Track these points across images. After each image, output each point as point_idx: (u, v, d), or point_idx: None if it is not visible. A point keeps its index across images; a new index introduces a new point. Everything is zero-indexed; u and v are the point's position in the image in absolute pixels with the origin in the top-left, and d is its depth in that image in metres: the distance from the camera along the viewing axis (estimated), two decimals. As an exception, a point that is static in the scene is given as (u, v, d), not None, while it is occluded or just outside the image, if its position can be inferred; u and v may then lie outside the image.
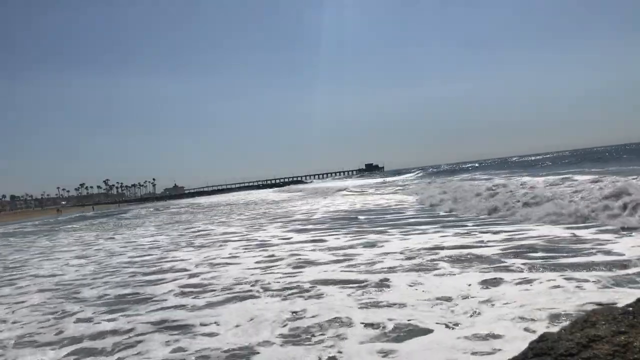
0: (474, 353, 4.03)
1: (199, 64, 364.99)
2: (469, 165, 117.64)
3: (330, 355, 4.37)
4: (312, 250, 10.28)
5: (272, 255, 10.05)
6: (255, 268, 8.88)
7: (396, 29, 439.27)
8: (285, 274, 8.08)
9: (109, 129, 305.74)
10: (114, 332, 5.86)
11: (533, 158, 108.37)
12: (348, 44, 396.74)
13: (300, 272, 8.08)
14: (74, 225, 34.76)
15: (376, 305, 5.70)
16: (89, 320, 6.55)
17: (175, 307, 6.69)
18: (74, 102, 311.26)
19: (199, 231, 18.10)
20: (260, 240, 12.89)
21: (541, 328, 4.21)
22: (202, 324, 5.75)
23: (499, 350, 4.04)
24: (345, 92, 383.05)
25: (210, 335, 5.36)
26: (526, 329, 4.38)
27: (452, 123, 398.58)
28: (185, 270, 9.56)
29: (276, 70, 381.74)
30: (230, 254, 11.02)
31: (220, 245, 12.78)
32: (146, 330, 5.78)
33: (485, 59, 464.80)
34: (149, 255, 12.53)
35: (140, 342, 5.42)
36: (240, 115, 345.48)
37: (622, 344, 2.00)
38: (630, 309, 2.34)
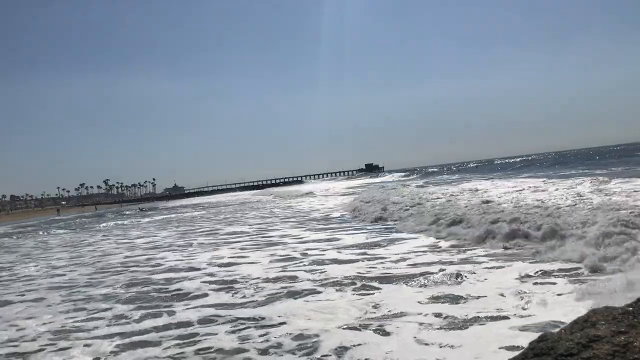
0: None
1: (199, 64, 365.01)
2: (466, 165, 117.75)
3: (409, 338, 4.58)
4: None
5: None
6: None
7: (397, 29, 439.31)
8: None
9: (109, 128, 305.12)
10: (170, 326, 5.78)
11: (520, 159, 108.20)
12: (348, 44, 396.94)
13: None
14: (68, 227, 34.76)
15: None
16: (127, 317, 6.46)
17: (220, 304, 6.62)
18: (74, 102, 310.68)
19: (187, 230, 18.18)
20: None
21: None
22: (261, 317, 5.75)
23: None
24: (346, 92, 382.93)
25: (276, 325, 5.41)
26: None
27: (453, 123, 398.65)
28: (197, 269, 9.51)
29: (276, 70, 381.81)
30: (229, 254, 11.08)
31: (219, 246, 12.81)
32: (205, 324, 5.76)
33: (487, 59, 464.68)
34: (148, 254, 12.49)
35: (202, 333, 5.38)
36: (240, 115, 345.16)
37: (622, 344, 2.01)
38: (630, 309, 2.34)
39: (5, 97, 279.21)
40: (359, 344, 4.55)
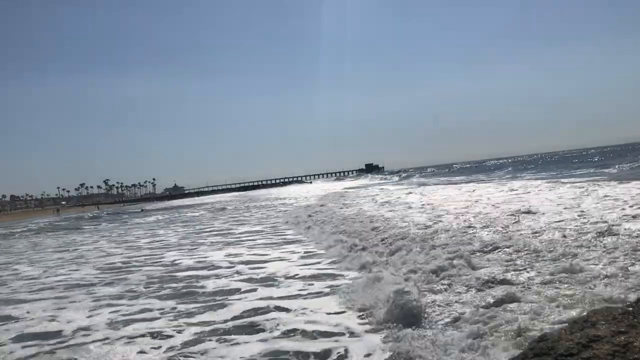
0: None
1: (199, 65, 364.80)
2: (466, 165, 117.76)
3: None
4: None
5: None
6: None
7: (397, 29, 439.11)
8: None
9: (109, 129, 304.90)
10: (242, 316, 5.78)
11: (521, 159, 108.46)
12: (349, 44, 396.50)
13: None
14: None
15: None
16: (179, 310, 6.33)
17: (276, 297, 6.57)
18: (74, 101, 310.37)
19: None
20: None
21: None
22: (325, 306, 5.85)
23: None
24: (346, 92, 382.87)
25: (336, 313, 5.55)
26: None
27: (453, 123, 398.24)
28: (218, 267, 9.37)
29: (277, 70, 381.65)
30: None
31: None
32: (276, 312, 5.82)
33: (486, 59, 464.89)
34: (156, 254, 12.37)
35: (282, 320, 5.43)
36: (240, 116, 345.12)
37: (622, 344, 2.00)
38: (630, 309, 2.34)
39: (5, 97, 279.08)
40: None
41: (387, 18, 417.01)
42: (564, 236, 7.12)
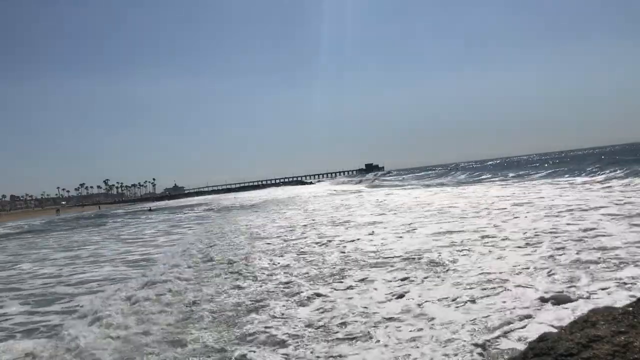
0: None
1: (199, 64, 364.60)
2: (460, 165, 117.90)
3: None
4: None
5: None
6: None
7: (397, 29, 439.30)
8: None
9: (109, 128, 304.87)
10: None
11: (518, 159, 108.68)
12: (349, 44, 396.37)
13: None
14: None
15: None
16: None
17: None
18: (74, 101, 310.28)
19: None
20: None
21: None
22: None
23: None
24: (346, 92, 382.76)
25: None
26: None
27: (453, 123, 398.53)
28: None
29: (277, 70, 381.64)
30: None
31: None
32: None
33: (487, 59, 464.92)
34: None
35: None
36: (240, 116, 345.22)
37: (622, 344, 2.00)
38: (630, 309, 2.34)
39: (5, 97, 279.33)
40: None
41: (387, 18, 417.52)
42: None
